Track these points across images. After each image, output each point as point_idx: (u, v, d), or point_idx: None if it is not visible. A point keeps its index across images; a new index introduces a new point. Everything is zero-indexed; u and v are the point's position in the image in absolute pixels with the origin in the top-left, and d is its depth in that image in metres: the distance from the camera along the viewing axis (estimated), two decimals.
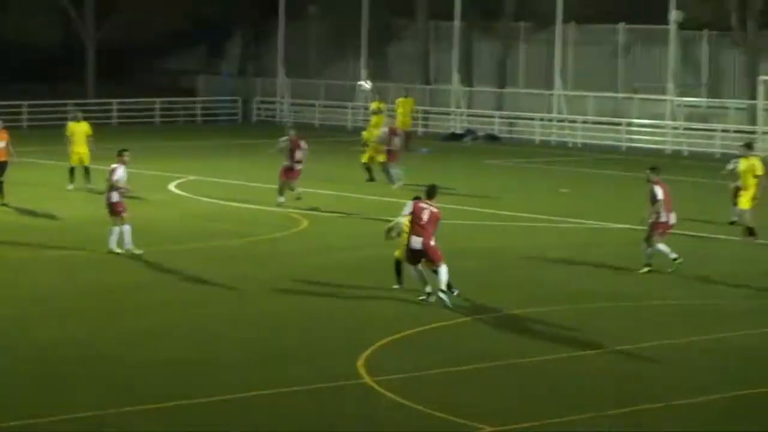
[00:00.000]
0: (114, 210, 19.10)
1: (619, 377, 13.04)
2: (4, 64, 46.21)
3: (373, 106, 34.19)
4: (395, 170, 27.51)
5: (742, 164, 21.19)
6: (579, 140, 38.67)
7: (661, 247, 17.99)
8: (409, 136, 34.54)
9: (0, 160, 25.87)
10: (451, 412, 11.57)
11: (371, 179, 27.96)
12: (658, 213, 17.89)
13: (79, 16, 46.06)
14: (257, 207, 26.21)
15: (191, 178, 30.76)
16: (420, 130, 40.34)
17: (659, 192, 17.98)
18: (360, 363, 13.95)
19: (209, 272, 18.74)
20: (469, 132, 40.82)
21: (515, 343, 14.87)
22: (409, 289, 16.67)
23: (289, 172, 25.13)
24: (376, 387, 12.86)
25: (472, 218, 24.60)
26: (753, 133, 35.31)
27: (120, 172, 19.28)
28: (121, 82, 48.58)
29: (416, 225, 16.19)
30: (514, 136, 40.97)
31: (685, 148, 36.09)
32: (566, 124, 40.34)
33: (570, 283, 18.59)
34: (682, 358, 13.54)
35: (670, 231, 18.42)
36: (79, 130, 27.88)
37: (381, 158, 28.87)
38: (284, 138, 25.90)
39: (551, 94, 40.37)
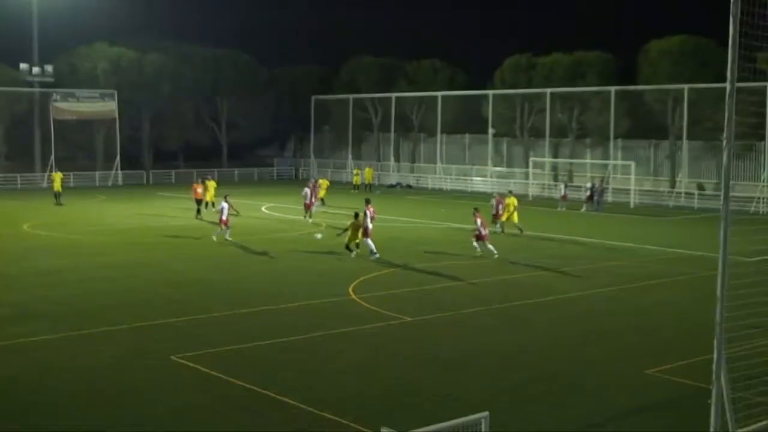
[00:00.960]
0: (221, 221, 34.14)
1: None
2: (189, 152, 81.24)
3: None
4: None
5: None
6: (449, 187, 68.45)
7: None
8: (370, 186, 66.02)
9: (198, 198, 43.45)
10: (393, 311, 21.88)
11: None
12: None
13: (218, 128, 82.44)
14: (300, 218, 42.77)
15: (272, 204, 51.16)
16: (376, 182, 69.20)
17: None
18: (350, 289, 24.53)
19: (272, 247, 33.62)
20: (398, 183, 71.04)
21: (432, 279, 28.81)
22: (360, 256, 29.89)
23: (309, 205, 41.96)
24: (360, 301, 22.84)
25: (396, 222, 38.25)
26: None
27: (224, 205, 33.96)
28: (239, 159, 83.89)
29: (369, 219, 29.99)
30: (420, 185, 70.22)
31: None
32: (441, 176, 69.38)
33: (421, 244, 37.69)
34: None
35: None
36: (212, 184, 46.26)
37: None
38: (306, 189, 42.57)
39: (435, 166, 71.71)
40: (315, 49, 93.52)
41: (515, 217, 37.82)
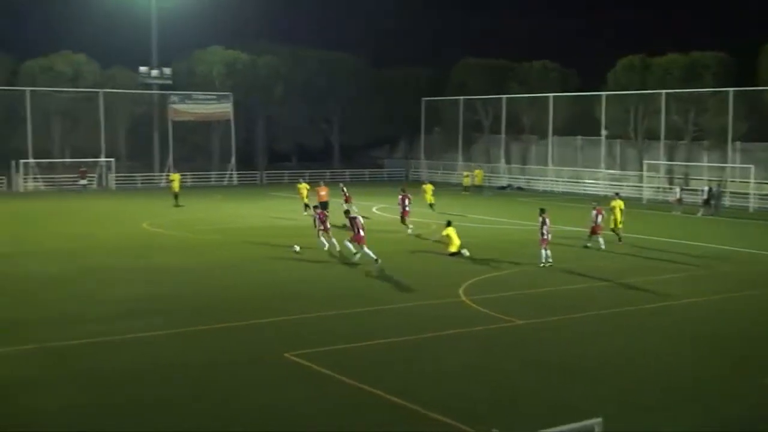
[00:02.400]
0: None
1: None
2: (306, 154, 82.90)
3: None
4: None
5: None
6: (561, 189, 68.41)
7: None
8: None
9: (323, 201, 41.85)
10: (503, 314, 21.49)
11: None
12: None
13: (330, 130, 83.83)
14: (413, 219, 41.18)
15: (383, 205, 51.16)
16: (486, 184, 69.54)
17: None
18: (461, 290, 24.39)
19: (383, 248, 32.88)
20: (509, 185, 70.98)
21: (543, 281, 34.47)
22: (468, 258, 31.46)
23: (405, 213, 39.12)
24: (470, 303, 22.77)
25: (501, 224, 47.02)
26: None
27: (353, 209, 35.96)
28: (351, 161, 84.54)
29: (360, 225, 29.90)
30: (531, 187, 70.30)
31: None
32: (552, 179, 69.59)
33: (531, 246, 37.62)
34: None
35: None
36: (304, 186, 46.08)
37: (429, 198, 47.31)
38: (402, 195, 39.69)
39: (546, 168, 71.23)
40: (425, 51, 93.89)
41: (619, 222, 36.19)
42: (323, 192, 42.98)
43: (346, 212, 31.75)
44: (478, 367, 17.21)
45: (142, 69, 72.56)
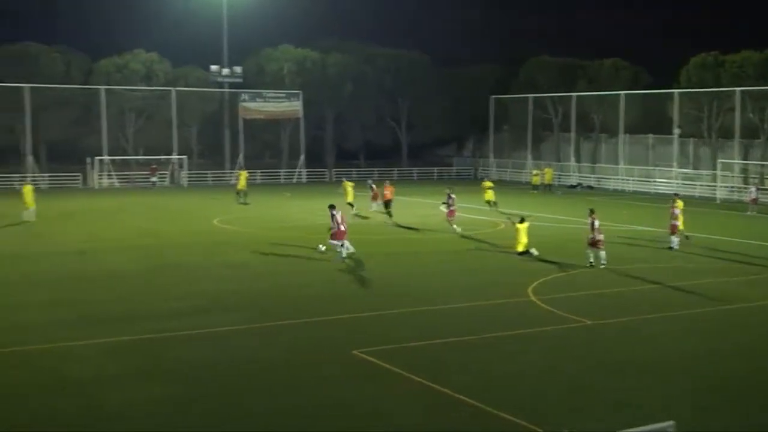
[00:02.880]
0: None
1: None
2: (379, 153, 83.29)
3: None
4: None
5: None
6: (631, 188, 67.13)
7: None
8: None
9: (387, 199, 41.85)
10: (572, 314, 21.24)
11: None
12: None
13: (399, 128, 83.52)
14: (479, 218, 45.34)
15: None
16: (556, 182, 68.16)
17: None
18: (529, 290, 24.22)
19: (451, 246, 34.23)
20: (579, 184, 70.08)
21: (613, 282, 33.19)
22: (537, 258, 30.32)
23: (451, 213, 38.20)
24: (539, 303, 22.68)
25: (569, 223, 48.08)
26: None
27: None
28: (419, 159, 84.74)
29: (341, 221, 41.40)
30: (601, 186, 69.35)
31: None
32: (623, 178, 68.46)
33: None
34: None
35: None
36: (350, 185, 46.17)
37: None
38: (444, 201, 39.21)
39: (617, 167, 70.11)
40: (494, 49, 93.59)
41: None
42: (388, 191, 42.69)
43: (330, 206, 30.79)
44: (548, 368, 17.12)
45: (213, 67, 73.51)
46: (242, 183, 52.22)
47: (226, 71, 73.47)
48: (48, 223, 40.01)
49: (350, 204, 43.83)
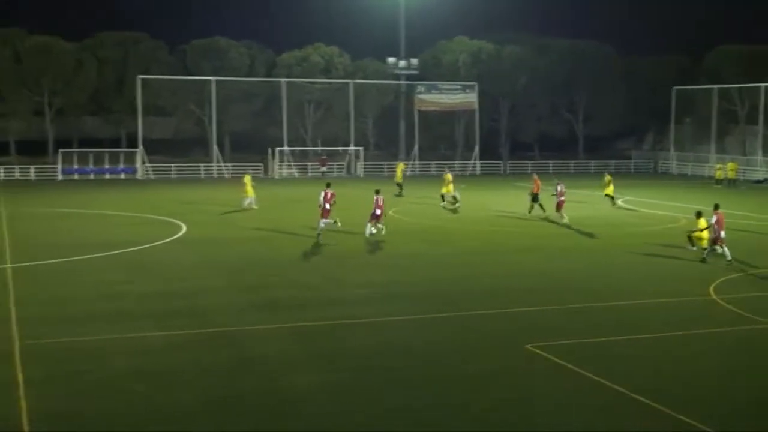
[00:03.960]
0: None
1: None
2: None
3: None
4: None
5: None
6: None
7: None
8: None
9: (535, 193, 40.59)
10: (759, 314, 20.06)
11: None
12: None
13: (575, 120, 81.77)
14: (657, 213, 45.72)
15: (629, 198, 49.64)
16: (741, 177, 65.33)
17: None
18: (711, 288, 23.25)
19: (628, 241, 34.36)
20: (766, 179, 66.48)
21: None
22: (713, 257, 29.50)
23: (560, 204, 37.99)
24: (721, 302, 21.49)
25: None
26: None
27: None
28: (595, 152, 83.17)
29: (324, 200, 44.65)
30: None
31: None
32: None
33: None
34: None
35: None
36: (448, 177, 45.35)
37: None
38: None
39: None
40: (675, 38, 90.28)
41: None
42: (535, 186, 41.39)
43: (377, 191, 32.66)
44: (731, 371, 16.28)
45: (391, 60, 74.45)
46: (399, 175, 52.18)
47: (403, 63, 74.22)
48: (234, 214, 41.53)
49: (442, 196, 44.69)
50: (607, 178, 46.55)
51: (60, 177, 64.31)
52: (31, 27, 73.35)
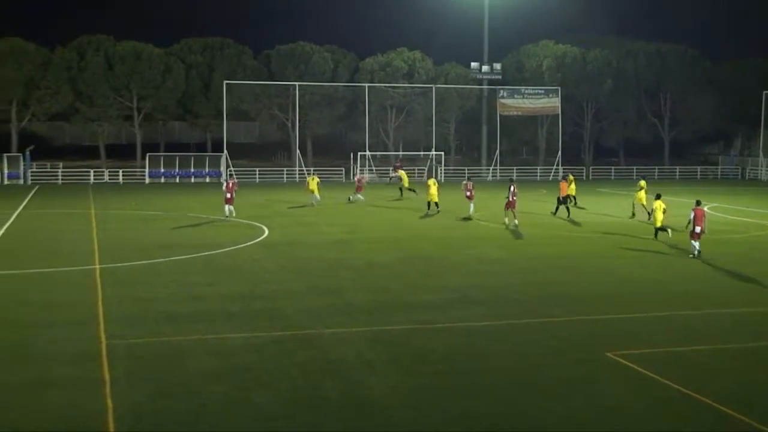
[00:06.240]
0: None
1: None
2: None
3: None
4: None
5: None
6: None
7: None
8: None
9: (565, 195, 41.92)
10: None
11: None
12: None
13: (661, 125, 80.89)
14: (742, 219, 45.31)
15: (714, 204, 49.29)
16: None
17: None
18: None
19: (712, 249, 35.01)
20: None
21: None
22: None
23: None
24: None
25: None
26: None
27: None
28: (680, 157, 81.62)
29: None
30: None
31: None
32: None
33: None
34: None
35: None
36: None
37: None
38: None
39: None
40: (765, 41, 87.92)
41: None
42: (564, 186, 42.67)
43: (511, 180, 35.99)
44: None
45: (474, 65, 74.23)
46: (406, 180, 52.94)
47: (485, 68, 73.97)
48: (315, 217, 42.03)
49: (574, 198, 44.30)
50: (641, 183, 43.70)
51: (147, 180, 65.71)
52: (120, 34, 75.33)
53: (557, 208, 41.98)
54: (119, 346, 17.28)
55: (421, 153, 72.17)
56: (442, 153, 70.70)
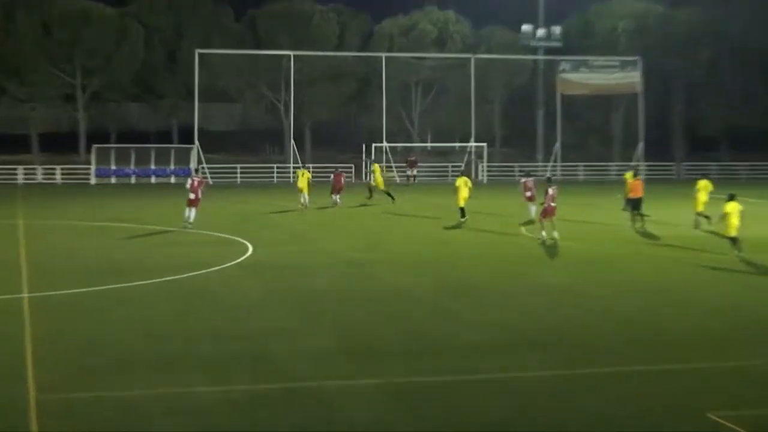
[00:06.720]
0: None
1: None
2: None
3: None
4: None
5: None
6: None
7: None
8: None
9: (636, 197, 42.74)
10: None
11: None
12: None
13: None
14: None
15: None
16: None
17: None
18: None
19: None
20: None
21: None
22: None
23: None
24: None
25: None
26: None
27: None
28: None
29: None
30: None
31: None
32: None
33: None
34: None
35: None
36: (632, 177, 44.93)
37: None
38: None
39: None
40: None
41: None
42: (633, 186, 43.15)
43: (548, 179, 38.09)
44: None
45: (525, 28, 74.17)
46: (380, 180, 53.91)
47: (541, 32, 73.95)
48: (315, 229, 42.23)
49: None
50: (701, 183, 43.99)
51: (93, 180, 65.88)
52: None
53: (635, 217, 42.40)
54: (52, 403, 17.10)
55: (456, 145, 72.07)
56: (484, 145, 70.44)
